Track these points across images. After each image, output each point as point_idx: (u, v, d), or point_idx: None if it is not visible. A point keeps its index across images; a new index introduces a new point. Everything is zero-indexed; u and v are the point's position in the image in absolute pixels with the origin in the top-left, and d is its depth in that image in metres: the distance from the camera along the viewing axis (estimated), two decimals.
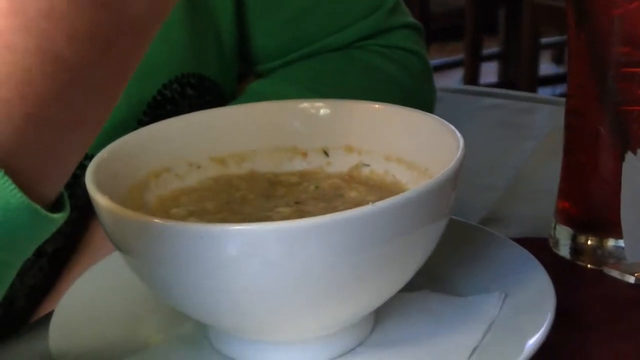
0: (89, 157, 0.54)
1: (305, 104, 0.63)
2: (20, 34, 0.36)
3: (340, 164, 0.61)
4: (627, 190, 0.60)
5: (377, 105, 0.62)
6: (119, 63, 0.41)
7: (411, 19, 0.89)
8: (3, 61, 0.36)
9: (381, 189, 0.58)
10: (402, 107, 0.60)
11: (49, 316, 0.56)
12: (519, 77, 3.28)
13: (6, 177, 0.36)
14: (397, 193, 0.47)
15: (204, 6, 0.77)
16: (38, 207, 0.38)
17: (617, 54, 0.62)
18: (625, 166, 0.61)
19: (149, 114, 0.72)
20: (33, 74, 0.36)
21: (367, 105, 0.62)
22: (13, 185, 0.36)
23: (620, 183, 0.61)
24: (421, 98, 0.84)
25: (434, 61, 3.66)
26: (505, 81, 3.58)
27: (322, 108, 0.62)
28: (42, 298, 0.71)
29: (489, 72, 3.64)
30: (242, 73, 0.84)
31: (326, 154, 0.62)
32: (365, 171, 0.61)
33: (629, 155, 0.61)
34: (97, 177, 0.51)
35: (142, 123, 0.70)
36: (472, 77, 3.42)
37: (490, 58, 3.66)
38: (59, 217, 0.40)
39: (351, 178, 0.61)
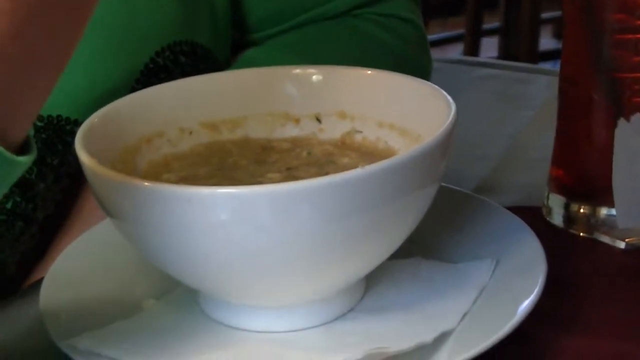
0: (79, 124, 0.54)
1: (297, 70, 0.62)
2: None
3: (332, 130, 0.61)
4: (619, 158, 0.60)
5: (369, 72, 0.61)
6: (74, 3, 0.40)
7: None
8: None
9: (373, 155, 0.58)
10: (395, 73, 0.60)
11: (40, 282, 0.56)
12: (520, 51, 3.27)
13: None
14: None
15: None
16: (2, 149, 0.38)
17: (612, 21, 0.62)
18: (618, 133, 0.61)
19: (141, 82, 0.71)
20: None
21: (360, 71, 0.62)
22: None
23: (612, 151, 0.60)
24: (416, 66, 0.84)
25: (435, 35, 3.65)
26: (506, 55, 3.57)
27: (314, 74, 0.62)
28: (34, 265, 0.71)
29: (490, 46, 3.63)
30: (236, 42, 0.83)
31: (319, 120, 0.61)
32: (358, 138, 0.60)
33: (621, 122, 0.61)
34: (86, 141, 0.51)
35: (134, 91, 0.69)
36: (472, 52, 3.41)
37: (490, 33, 3.64)
38: (25, 160, 0.40)
39: (343, 144, 0.60)
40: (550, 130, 0.68)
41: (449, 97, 0.54)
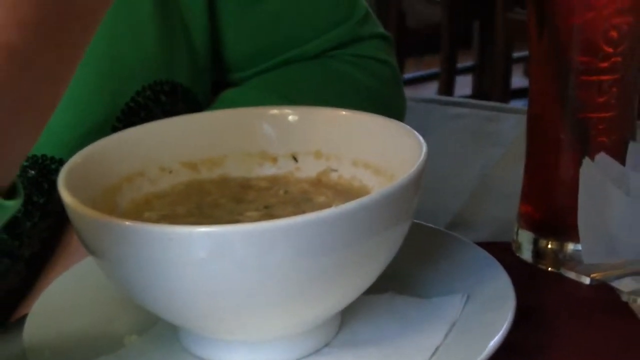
0: (63, 163, 0.54)
1: (274, 111, 0.63)
2: None
3: (309, 169, 0.61)
4: (584, 196, 0.60)
5: (344, 112, 0.62)
6: (67, 49, 0.41)
7: (381, 29, 0.89)
8: None
9: (349, 194, 0.58)
10: (369, 114, 0.61)
11: (25, 318, 0.56)
12: (492, 89, 3.29)
13: None
14: None
15: (176, 13, 0.77)
16: None
17: (577, 62, 0.63)
18: (582, 171, 0.61)
19: (122, 120, 0.71)
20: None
21: (335, 112, 0.62)
22: None
23: (578, 189, 0.61)
24: (391, 106, 0.84)
25: (411, 74, 3.68)
26: (479, 93, 3.59)
27: (291, 115, 0.62)
28: (20, 301, 0.70)
29: (464, 84, 3.65)
30: (216, 82, 0.84)
31: (295, 159, 0.62)
32: (334, 176, 0.61)
33: (586, 161, 0.61)
34: (69, 181, 0.51)
35: (115, 130, 0.69)
36: (447, 89, 3.43)
37: (465, 71, 3.67)
38: (13, 204, 0.41)
39: (319, 183, 0.61)
40: (520, 167, 0.69)
41: (420, 138, 0.54)
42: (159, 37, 0.75)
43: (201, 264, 0.45)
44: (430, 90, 3.67)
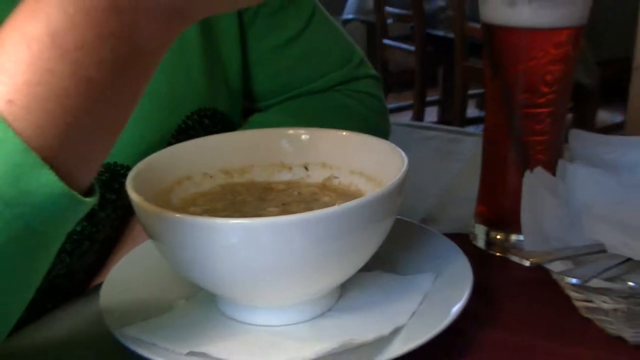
0: (129, 169, 0.53)
1: (291, 131, 0.62)
2: (59, 61, 0.36)
3: (317, 176, 0.61)
4: (525, 199, 0.59)
5: (344, 133, 0.61)
6: (134, 82, 0.40)
7: (373, 71, 0.88)
8: (47, 82, 0.36)
9: (347, 196, 0.57)
10: (363, 134, 0.60)
11: (100, 286, 0.55)
12: (453, 118, 3.28)
13: (51, 171, 0.36)
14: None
15: (217, 54, 0.76)
16: (75, 193, 0.38)
17: (521, 99, 0.62)
18: (525, 181, 0.60)
19: (175, 137, 0.71)
20: (70, 92, 0.36)
21: (337, 132, 0.61)
22: (56, 177, 0.36)
23: (521, 194, 0.60)
24: (379, 129, 0.83)
25: (391, 105, 3.66)
26: (442, 120, 3.59)
27: (304, 134, 0.61)
28: (96, 273, 0.70)
29: (431, 114, 3.66)
30: (246, 108, 0.83)
31: (306, 168, 0.61)
32: (335, 182, 0.60)
33: (527, 173, 0.61)
34: (134, 182, 0.50)
35: (170, 144, 0.69)
36: (418, 117, 3.43)
37: (432, 104, 3.66)
38: (91, 201, 0.40)
39: (325, 187, 0.60)
40: (476, 177, 0.68)
41: (402, 153, 0.54)
42: (204, 72, 0.74)
43: (234, 247, 0.45)
44: (406, 117, 3.66)
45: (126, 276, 0.58)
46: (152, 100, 0.69)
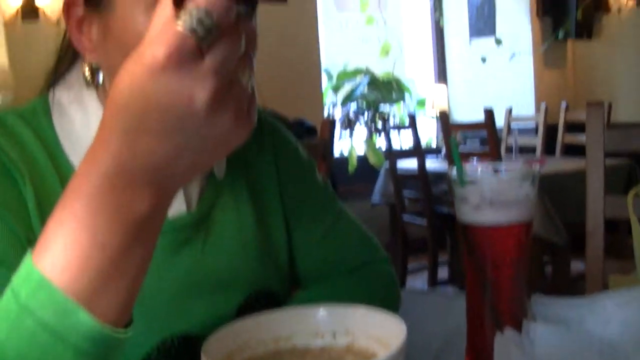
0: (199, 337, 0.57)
1: (323, 307, 0.65)
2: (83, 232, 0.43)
3: (342, 341, 0.63)
4: (497, 354, 0.62)
5: (363, 309, 0.64)
6: (140, 246, 0.45)
7: (384, 252, 0.90)
8: (82, 249, 0.43)
9: (365, 357, 0.60)
10: (375, 308, 0.62)
11: None
12: (459, 276, 3.28)
13: (90, 315, 0.42)
14: None
15: (268, 242, 0.79)
16: (110, 329, 0.43)
17: (490, 275, 0.65)
18: (496, 340, 0.62)
19: (239, 314, 0.73)
20: (96, 258, 0.43)
21: (358, 308, 0.64)
22: (95, 322, 0.42)
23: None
24: (393, 302, 0.86)
25: (411, 265, 3.67)
26: (453, 277, 3.57)
27: (334, 308, 0.64)
28: None
29: (443, 271, 3.64)
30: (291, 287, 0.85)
31: (334, 336, 0.64)
32: (356, 346, 0.62)
33: (498, 335, 0.62)
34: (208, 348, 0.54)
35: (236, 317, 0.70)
36: (432, 274, 3.43)
37: (443, 263, 3.66)
38: (129, 332, 0.45)
39: (348, 350, 0.62)
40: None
41: (404, 326, 0.57)
42: (258, 256, 0.76)
43: None
44: (423, 274, 3.65)
45: None
46: (222, 283, 0.72)
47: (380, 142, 4.49)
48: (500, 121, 3.74)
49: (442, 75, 5.15)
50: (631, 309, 0.68)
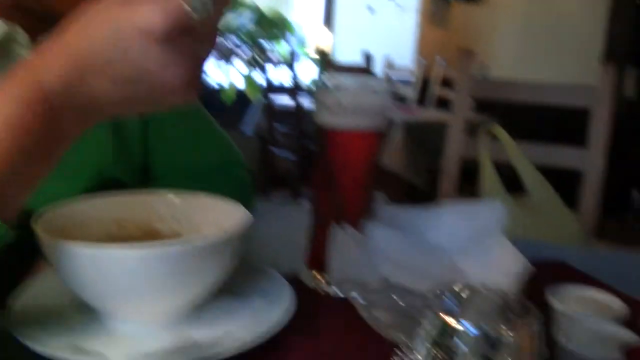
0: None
1: (171, 194, 0.64)
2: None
3: (185, 226, 0.63)
4: (332, 248, 0.65)
5: (209, 198, 0.63)
6: (54, 152, 0.46)
7: (241, 157, 0.91)
8: None
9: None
10: (226, 199, 0.62)
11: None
12: None
13: None
14: None
15: (125, 137, 0.78)
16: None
17: (341, 178, 0.68)
18: (334, 235, 0.66)
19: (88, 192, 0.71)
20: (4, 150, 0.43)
21: (204, 196, 0.63)
22: None
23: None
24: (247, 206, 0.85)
25: (274, 197, 3.71)
26: None
27: (179, 195, 0.64)
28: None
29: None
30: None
31: (179, 222, 0.64)
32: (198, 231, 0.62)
33: (337, 229, 0.66)
34: (42, 225, 0.53)
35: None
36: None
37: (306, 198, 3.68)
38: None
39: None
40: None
41: (248, 213, 0.57)
42: (111, 144, 0.76)
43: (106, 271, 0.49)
44: None
45: (32, 292, 0.58)
46: (75, 168, 0.71)
47: (259, 78, 4.41)
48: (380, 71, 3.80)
49: (328, 21, 5.15)
50: (461, 218, 0.73)
